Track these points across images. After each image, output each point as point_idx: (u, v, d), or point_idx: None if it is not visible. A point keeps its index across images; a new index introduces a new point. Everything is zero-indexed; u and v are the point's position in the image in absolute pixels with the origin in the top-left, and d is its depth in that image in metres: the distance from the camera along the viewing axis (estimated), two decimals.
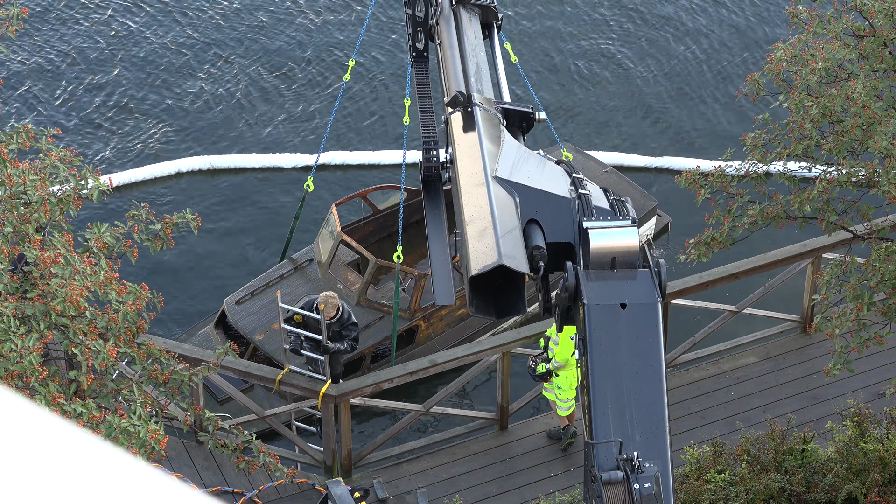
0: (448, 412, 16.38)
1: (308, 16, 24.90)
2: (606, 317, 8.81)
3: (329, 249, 18.35)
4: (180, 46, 24.20)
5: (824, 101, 12.68)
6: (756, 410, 15.90)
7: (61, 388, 11.07)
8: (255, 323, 17.88)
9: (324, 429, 15.31)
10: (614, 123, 22.87)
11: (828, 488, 13.77)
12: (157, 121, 22.74)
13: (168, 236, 12.18)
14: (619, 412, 8.67)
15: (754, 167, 13.34)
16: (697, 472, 14.07)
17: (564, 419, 15.56)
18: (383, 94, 23.29)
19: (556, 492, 14.94)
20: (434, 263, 10.00)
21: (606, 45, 24.47)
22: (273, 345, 17.23)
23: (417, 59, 12.03)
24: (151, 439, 10.70)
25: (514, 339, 15.45)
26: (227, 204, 21.24)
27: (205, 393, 16.99)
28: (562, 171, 9.70)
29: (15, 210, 11.36)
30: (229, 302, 18.21)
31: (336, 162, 21.86)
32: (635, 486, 8.38)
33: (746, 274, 16.19)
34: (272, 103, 23.11)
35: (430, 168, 10.29)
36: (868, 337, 12.62)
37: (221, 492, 15.15)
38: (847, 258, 13.00)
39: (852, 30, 13.13)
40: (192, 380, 12.36)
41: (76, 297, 10.90)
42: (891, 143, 12.13)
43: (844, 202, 13.14)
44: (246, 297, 18.22)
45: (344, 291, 18.06)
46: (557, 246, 9.18)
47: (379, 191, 19.34)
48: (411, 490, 15.24)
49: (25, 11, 12.49)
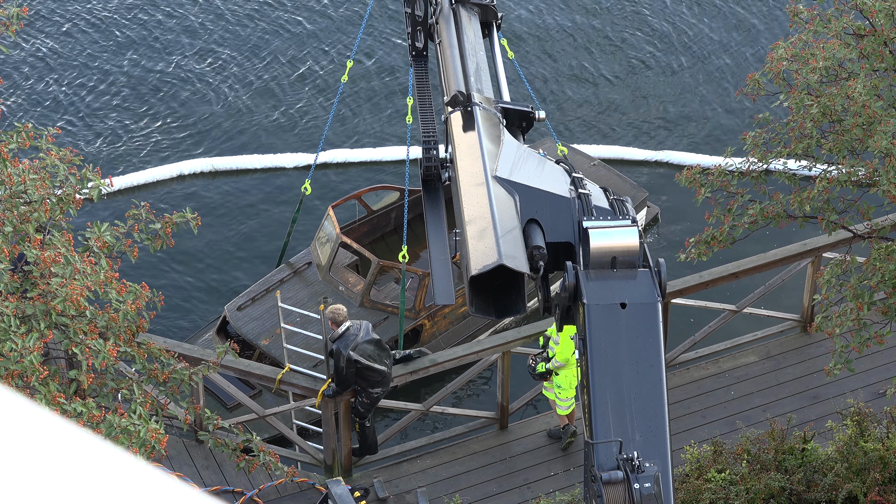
0: (448, 411, 16.38)
1: (308, 16, 24.89)
2: (606, 316, 8.81)
3: (328, 252, 18.31)
4: (181, 46, 24.19)
5: (824, 101, 12.68)
6: (756, 410, 15.90)
7: (61, 388, 11.07)
8: (260, 328, 17.85)
9: (324, 428, 15.31)
10: (613, 120, 22.86)
11: (828, 487, 13.77)
12: (157, 122, 22.73)
13: (168, 235, 12.17)
14: (619, 412, 8.67)
15: (754, 165, 13.34)
16: (697, 471, 14.06)
17: (564, 418, 15.56)
18: (382, 95, 23.27)
19: (557, 491, 14.94)
20: (434, 263, 10.00)
21: (606, 43, 24.46)
22: (279, 349, 17.19)
23: (417, 59, 12.03)
24: (151, 438, 10.70)
25: (515, 339, 15.44)
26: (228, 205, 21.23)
27: (214, 400, 17.00)
28: (562, 171, 9.70)
29: (15, 209, 11.36)
30: (230, 308, 18.16)
31: (336, 160, 21.85)
32: (635, 485, 8.38)
33: (746, 273, 16.18)
34: (272, 104, 23.10)
35: (430, 167, 10.29)
36: (868, 336, 12.62)
37: (221, 491, 15.15)
38: (847, 257, 12.99)
39: (853, 29, 13.13)
40: (192, 379, 12.36)
41: (76, 297, 10.90)
42: (891, 143, 12.12)
43: (844, 201, 13.14)
44: (247, 303, 18.18)
45: (346, 293, 18.04)
46: (557, 245, 9.18)
47: (373, 192, 19.34)
48: (411, 489, 15.24)
49: (25, 11, 12.48)
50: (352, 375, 14.53)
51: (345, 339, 14.50)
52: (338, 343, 14.51)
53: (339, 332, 14.55)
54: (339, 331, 14.56)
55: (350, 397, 14.82)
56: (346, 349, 14.43)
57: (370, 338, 14.55)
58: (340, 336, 14.53)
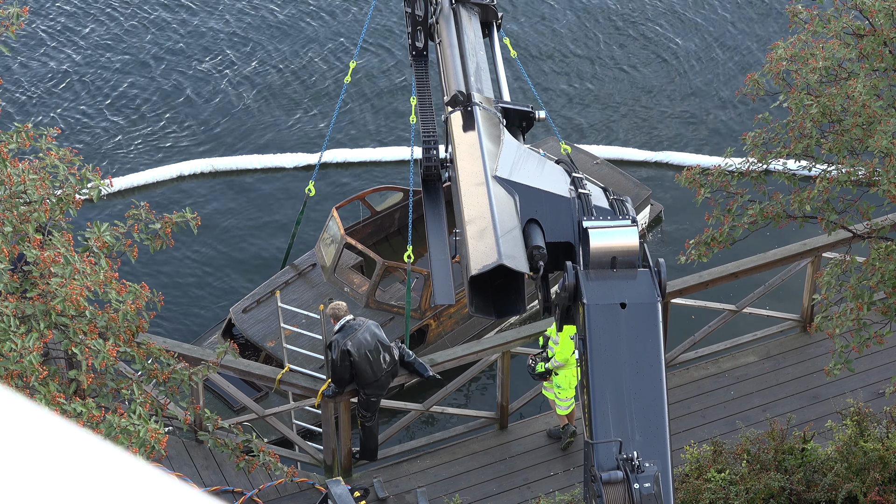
0: (448, 411, 16.38)
1: (309, 17, 24.89)
2: (606, 316, 8.81)
3: (333, 253, 18.30)
4: (181, 47, 24.19)
5: (824, 101, 12.68)
6: (756, 409, 15.90)
7: (61, 388, 11.07)
8: (265, 330, 17.83)
9: (324, 428, 15.30)
10: (613, 119, 22.86)
11: (828, 487, 13.77)
12: (157, 122, 22.73)
13: (168, 235, 12.17)
14: (618, 412, 8.67)
15: (754, 166, 13.33)
16: (697, 471, 14.06)
17: (564, 418, 15.56)
18: (384, 95, 23.27)
19: (556, 491, 14.94)
20: (434, 263, 10.01)
21: (607, 42, 24.46)
22: (287, 352, 17.15)
23: (417, 59, 12.04)
24: (151, 438, 10.70)
25: (514, 339, 15.44)
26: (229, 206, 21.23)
27: (220, 402, 16.98)
28: (561, 171, 9.70)
29: (15, 209, 11.36)
30: (236, 311, 18.15)
31: (337, 160, 21.85)
32: (635, 485, 8.38)
33: (746, 273, 16.18)
34: (273, 105, 23.09)
35: (430, 167, 10.29)
36: (868, 336, 12.61)
37: (221, 491, 15.15)
38: (847, 257, 12.99)
39: (852, 29, 13.13)
40: (192, 379, 12.36)
41: (76, 297, 10.90)
42: (891, 143, 12.12)
43: (844, 201, 13.13)
44: (252, 305, 18.17)
45: (351, 294, 18.04)
46: (557, 245, 9.19)
47: (377, 192, 19.34)
48: (411, 489, 15.23)
49: (26, 11, 12.48)
50: (346, 370, 14.38)
51: (343, 331, 14.44)
52: (336, 335, 14.46)
53: (337, 325, 14.51)
54: (337, 325, 14.52)
55: (350, 397, 14.81)
56: (343, 339, 14.36)
57: (373, 334, 14.46)
58: (339, 329, 14.48)
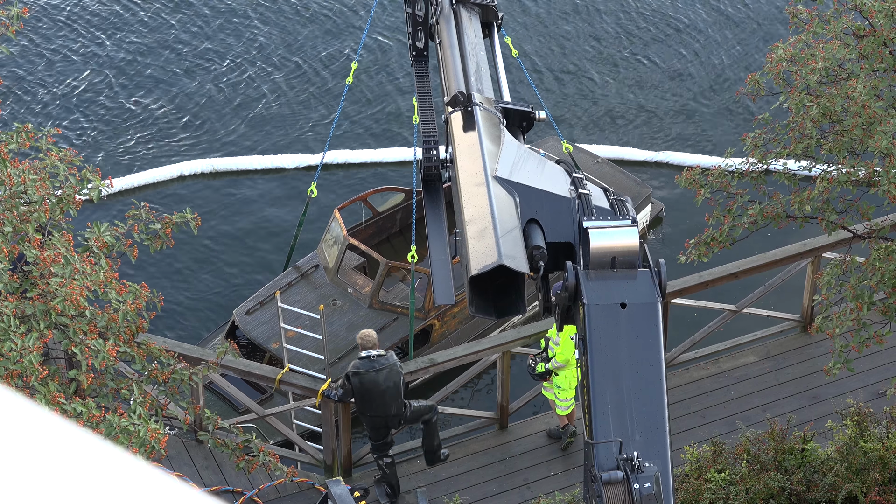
0: (448, 411, 16.38)
1: (310, 18, 24.90)
2: (606, 316, 8.81)
3: (335, 254, 18.29)
4: (181, 48, 24.19)
5: (824, 101, 12.67)
6: (756, 410, 15.90)
7: (61, 388, 11.06)
8: (269, 332, 17.81)
9: (324, 428, 15.31)
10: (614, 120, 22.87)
11: (828, 487, 13.77)
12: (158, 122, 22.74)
13: (168, 235, 12.17)
14: (619, 412, 8.66)
15: (754, 166, 13.34)
16: (697, 471, 14.06)
17: (564, 418, 15.57)
18: (385, 96, 23.27)
19: (556, 491, 14.94)
20: (434, 263, 10.00)
21: (607, 42, 24.47)
22: (289, 353, 17.14)
23: (417, 59, 12.04)
24: (151, 438, 10.70)
25: (514, 339, 15.44)
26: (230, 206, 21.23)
27: (224, 404, 16.96)
28: (562, 171, 9.70)
29: (15, 210, 11.36)
30: (239, 313, 18.14)
31: (338, 161, 21.85)
32: (635, 485, 8.38)
33: (746, 273, 16.18)
34: (274, 105, 23.10)
35: (430, 167, 10.29)
36: (868, 336, 12.61)
37: (221, 491, 15.15)
38: (847, 258, 12.99)
39: (852, 29, 13.12)
40: (192, 379, 12.36)
41: (76, 297, 10.90)
42: (891, 143, 12.12)
43: (844, 202, 13.13)
44: (255, 307, 18.17)
45: (354, 295, 18.03)
46: (557, 246, 9.18)
47: (378, 193, 19.33)
48: (411, 489, 15.24)
49: (26, 11, 12.48)
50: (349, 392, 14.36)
51: (363, 362, 14.30)
52: (355, 362, 14.38)
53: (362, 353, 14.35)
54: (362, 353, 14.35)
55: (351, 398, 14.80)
56: (353, 371, 14.28)
57: (395, 383, 14.28)
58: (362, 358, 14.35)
